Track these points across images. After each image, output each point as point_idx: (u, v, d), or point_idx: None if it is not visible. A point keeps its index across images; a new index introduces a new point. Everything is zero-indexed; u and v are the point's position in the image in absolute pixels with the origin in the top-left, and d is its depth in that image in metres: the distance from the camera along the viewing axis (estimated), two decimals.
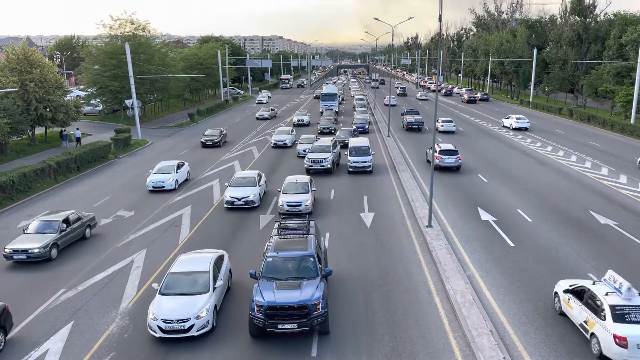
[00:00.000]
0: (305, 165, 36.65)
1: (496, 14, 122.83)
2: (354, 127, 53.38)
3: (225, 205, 28.49)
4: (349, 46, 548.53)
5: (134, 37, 63.71)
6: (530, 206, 28.50)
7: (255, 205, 28.60)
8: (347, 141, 44.07)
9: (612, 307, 14.01)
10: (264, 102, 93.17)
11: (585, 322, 14.90)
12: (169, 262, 21.42)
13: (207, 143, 48.66)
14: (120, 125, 55.83)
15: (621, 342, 13.35)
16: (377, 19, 58.62)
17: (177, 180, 33.75)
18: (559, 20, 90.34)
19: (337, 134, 49.24)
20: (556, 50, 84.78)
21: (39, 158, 39.85)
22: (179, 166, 35.04)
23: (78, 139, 48.91)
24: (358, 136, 48.00)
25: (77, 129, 52.23)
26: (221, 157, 44.34)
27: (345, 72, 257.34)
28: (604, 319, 14.02)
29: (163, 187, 32.75)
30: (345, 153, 38.33)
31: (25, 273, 20.80)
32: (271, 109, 72.14)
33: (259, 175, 31.02)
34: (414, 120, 55.57)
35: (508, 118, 60.91)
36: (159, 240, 24.15)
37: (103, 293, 18.84)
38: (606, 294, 14.55)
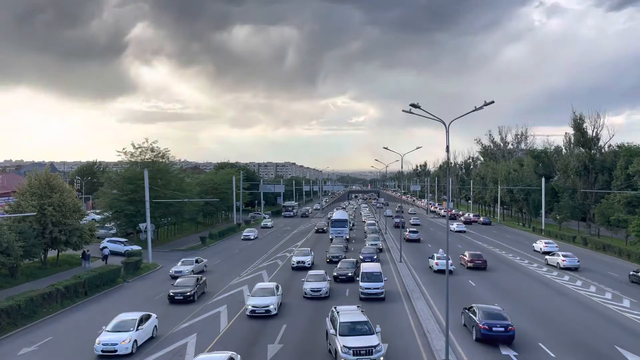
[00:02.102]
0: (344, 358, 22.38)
1: (502, 145, 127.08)
2: (362, 257, 50.19)
3: None
4: (359, 172, 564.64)
5: (153, 163, 66.17)
6: (552, 339, 27.13)
7: None
8: (349, 274, 42.41)
9: (436, 256, 47.99)
10: (252, 238, 75.91)
11: (431, 264, 48.04)
12: None
13: (176, 297, 35.66)
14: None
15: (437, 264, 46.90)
16: (386, 148, 61.07)
17: (136, 341, 25.42)
18: (564, 151, 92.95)
19: (338, 265, 44.67)
20: (564, 179, 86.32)
21: (49, 281, 39.36)
22: (142, 320, 26.81)
23: (105, 257, 49.11)
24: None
25: (105, 247, 52.55)
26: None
27: (356, 197, 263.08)
28: (434, 260, 47.44)
29: (115, 351, 24.45)
30: (357, 279, 37.41)
31: None
32: (196, 261, 48.07)
33: None
34: (398, 221, 77.36)
35: (452, 224, 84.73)
36: None
37: None
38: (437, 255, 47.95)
